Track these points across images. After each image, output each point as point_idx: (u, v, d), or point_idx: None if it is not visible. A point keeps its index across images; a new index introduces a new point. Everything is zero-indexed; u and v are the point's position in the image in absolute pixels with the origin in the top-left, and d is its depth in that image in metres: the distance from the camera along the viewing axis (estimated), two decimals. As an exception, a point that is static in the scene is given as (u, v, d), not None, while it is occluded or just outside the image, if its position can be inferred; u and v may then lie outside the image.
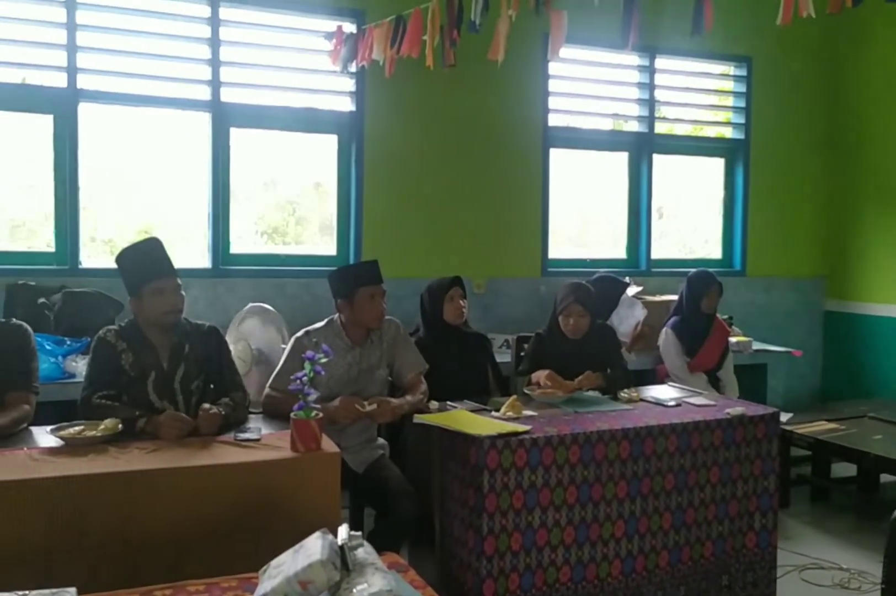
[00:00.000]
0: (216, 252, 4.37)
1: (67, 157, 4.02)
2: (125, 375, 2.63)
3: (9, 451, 2.27)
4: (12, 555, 2.00)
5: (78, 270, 4.04)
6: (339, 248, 4.70)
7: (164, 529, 2.15)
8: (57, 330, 3.71)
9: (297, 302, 4.40)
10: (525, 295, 4.97)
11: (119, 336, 2.67)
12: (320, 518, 2.25)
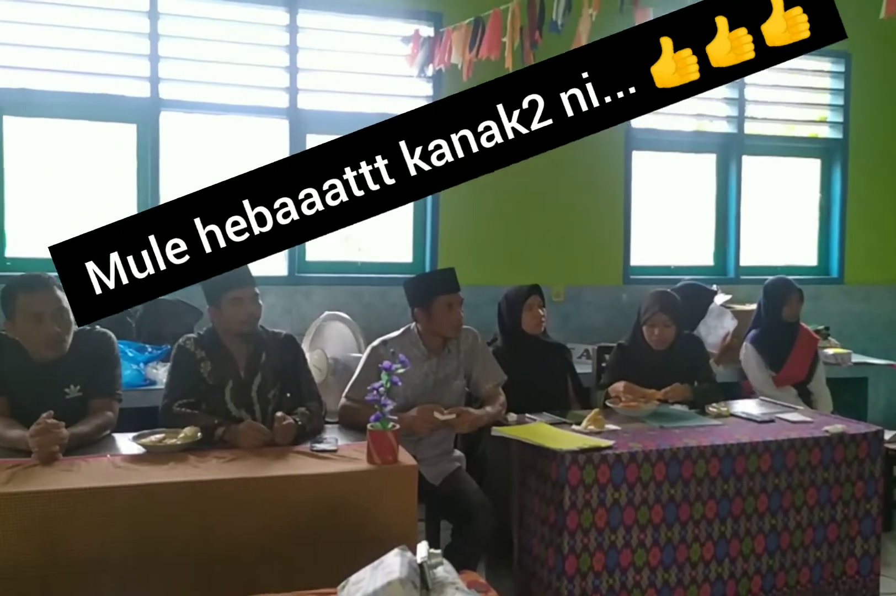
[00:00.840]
0: (293, 259, 4.44)
1: (149, 166, 4.15)
2: (204, 383, 2.69)
3: (93, 458, 2.34)
4: (94, 561, 2.06)
5: (159, 278, 4.16)
6: (415, 255, 4.72)
7: (240, 539, 2.18)
8: (138, 337, 3.83)
9: (372, 310, 4.43)
10: (606, 303, 4.89)
11: (198, 345, 2.73)
12: (397, 531, 2.25)
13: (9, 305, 2.50)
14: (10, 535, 2.00)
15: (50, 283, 2.53)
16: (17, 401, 2.53)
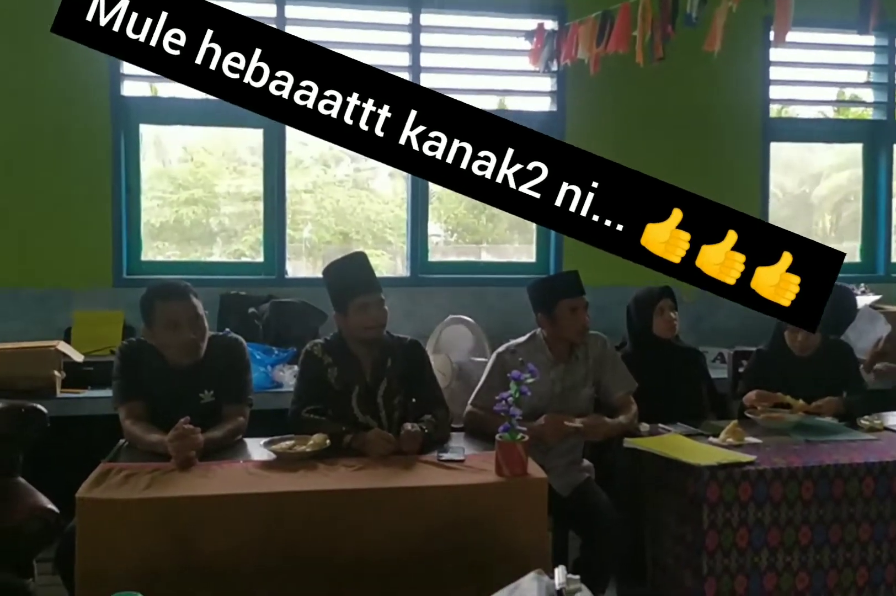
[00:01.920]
0: (414, 260, 4.47)
1: (276, 169, 4.26)
2: (331, 389, 2.73)
3: (227, 463, 2.40)
4: (228, 568, 2.11)
5: (284, 280, 4.28)
6: (539, 254, 4.65)
7: (369, 550, 2.18)
8: (265, 339, 3.94)
9: (495, 311, 4.39)
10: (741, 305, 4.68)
11: (325, 350, 2.77)
12: (527, 546, 2.22)
13: (147, 312, 2.61)
14: (150, 539, 2.08)
15: (186, 291, 2.62)
16: (155, 405, 2.63)
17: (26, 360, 3.33)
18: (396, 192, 4.65)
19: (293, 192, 4.41)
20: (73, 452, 3.30)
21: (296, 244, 4.51)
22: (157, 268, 4.22)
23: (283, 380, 3.65)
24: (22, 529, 2.39)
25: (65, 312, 3.96)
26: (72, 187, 4.00)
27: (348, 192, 4.69)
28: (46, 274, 3.98)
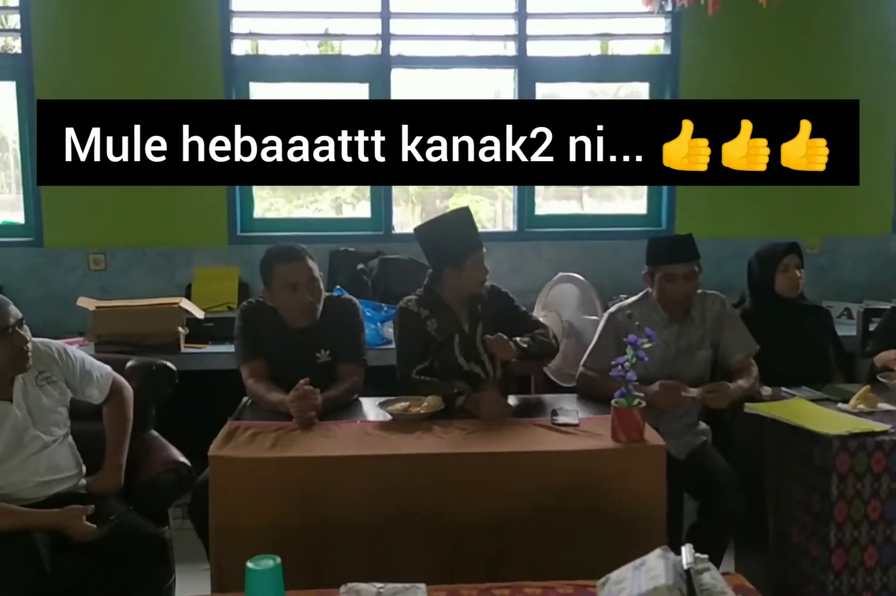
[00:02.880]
0: (521, 214, 4.42)
1: (381, 125, 4.26)
2: (433, 341, 2.78)
3: (345, 423, 2.48)
4: (348, 526, 2.19)
5: (391, 236, 4.32)
6: (651, 205, 4.52)
7: (483, 514, 2.23)
8: (374, 296, 4.01)
9: (604, 266, 4.33)
10: (870, 255, 4.46)
11: (419, 304, 2.81)
12: (643, 513, 2.23)
13: (266, 274, 2.69)
14: (276, 496, 2.18)
15: (303, 254, 2.68)
16: (274, 364, 2.73)
17: (153, 316, 3.50)
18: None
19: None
20: (195, 405, 3.49)
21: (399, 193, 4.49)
22: (268, 225, 4.32)
23: (392, 337, 3.70)
24: (158, 480, 2.54)
25: (186, 269, 4.13)
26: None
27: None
28: (169, 233, 4.14)
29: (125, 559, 2.28)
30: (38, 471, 2.35)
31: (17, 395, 2.34)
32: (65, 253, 4.10)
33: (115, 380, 2.61)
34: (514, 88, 4.32)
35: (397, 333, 2.86)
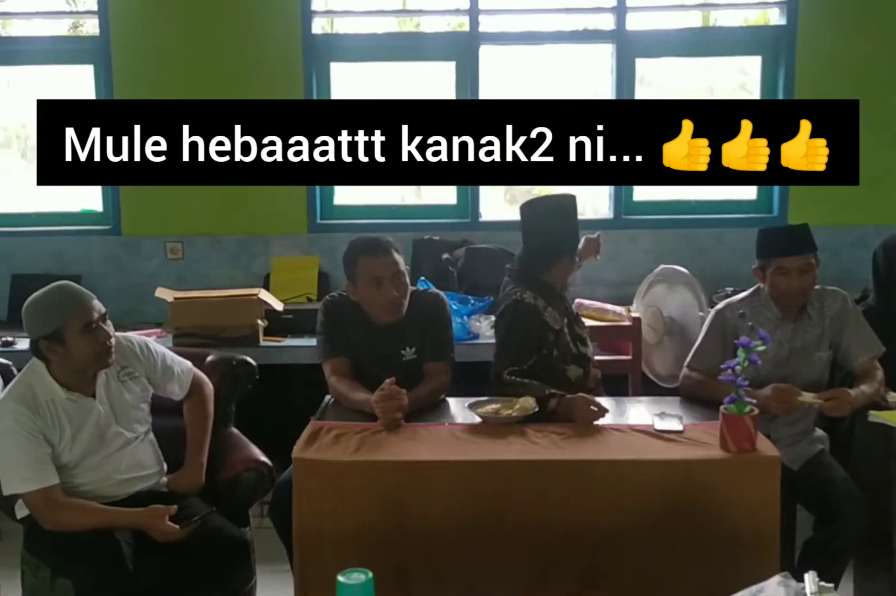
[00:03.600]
0: (618, 199, 4.37)
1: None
2: (551, 331, 2.78)
3: (432, 426, 2.51)
4: (436, 533, 2.22)
5: (478, 224, 4.32)
6: (761, 190, 4.40)
7: (579, 524, 2.22)
8: (460, 287, 4.02)
9: (707, 255, 4.26)
10: None
11: (535, 295, 2.79)
12: (754, 529, 2.19)
13: (351, 268, 2.73)
14: (362, 500, 2.22)
15: (388, 246, 2.71)
16: (358, 362, 2.77)
17: (231, 309, 3.60)
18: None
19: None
20: (274, 400, 3.59)
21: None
22: (349, 212, 4.38)
23: (480, 331, 3.73)
24: (239, 480, 2.61)
25: (263, 258, 4.23)
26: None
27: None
28: (246, 221, 4.24)
29: (207, 561, 2.37)
30: (120, 468, 2.46)
31: (100, 390, 2.44)
32: (142, 241, 4.25)
33: (195, 375, 2.70)
34: (612, 65, 4.27)
35: (506, 328, 2.81)
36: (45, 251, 4.24)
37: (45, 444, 2.33)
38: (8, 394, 2.37)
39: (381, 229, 4.12)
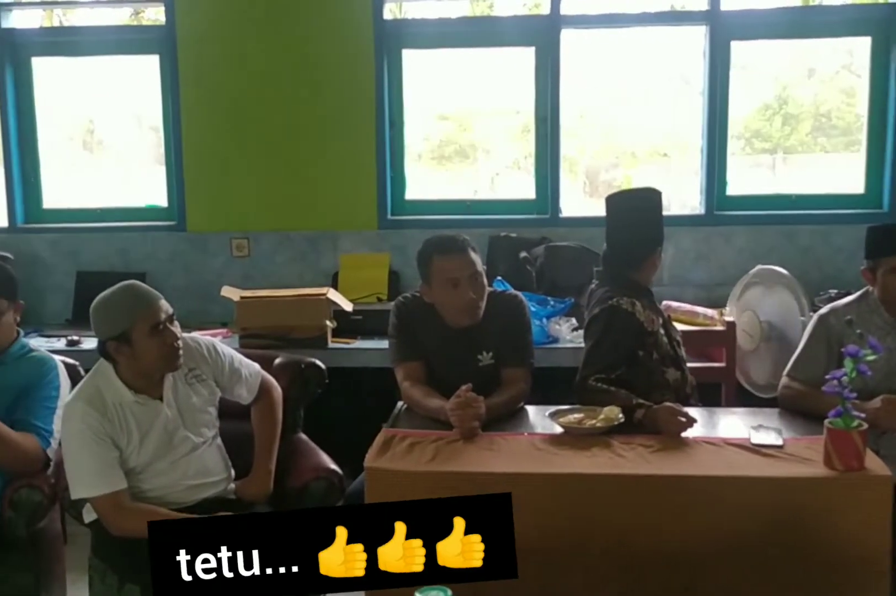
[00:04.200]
0: (710, 194, 4.30)
1: (549, 93, 4.24)
2: (648, 335, 2.78)
3: (511, 435, 2.50)
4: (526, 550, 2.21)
5: (558, 220, 4.31)
6: (869, 181, 4.28)
7: (669, 544, 2.19)
8: (538, 288, 4.02)
9: (810, 256, 4.16)
10: None
11: (630, 298, 2.78)
12: (862, 554, 2.13)
13: (424, 268, 2.74)
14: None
15: (465, 245, 2.72)
16: (431, 367, 2.79)
17: (299, 309, 3.66)
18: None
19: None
20: (341, 405, 3.64)
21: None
22: (421, 207, 4.41)
23: (560, 334, 3.71)
24: (308, 488, 2.65)
25: (331, 255, 4.29)
26: (336, 125, 4.25)
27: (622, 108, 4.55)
28: (314, 216, 4.31)
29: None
30: (188, 474, 2.52)
31: (168, 393, 2.50)
32: (207, 237, 4.34)
33: (264, 379, 2.75)
34: (705, 49, 4.20)
35: (599, 334, 2.75)
36: (109, 248, 4.37)
37: (114, 447, 2.40)
38: (76, 395, 2.45)
39: (454, 226, 4.16)
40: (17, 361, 2.74)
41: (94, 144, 4.58)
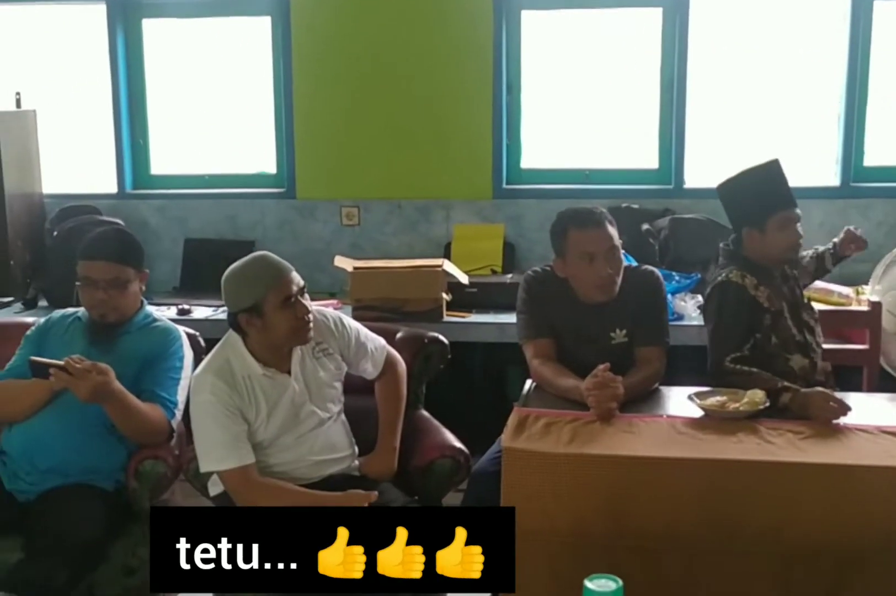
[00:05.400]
0: (846, 164, 4.16)
1: (676, 56, 4.14)
2: (765, 313, 2.71)
3: (650, 417, 2.47)
4: (659, 537, 2.18)
5: (682, 191, 4.21)
6: None
7: (820, 538, 2.14)
8: (662, 262, 3.94)
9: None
10: None
11: (743, 273, 2.73)
12: None
13: (559, 241, 2.71)
14: (576, 498, 2.20)
15: (602, 218, 2.68)
16: (561, 344, 2.76)
17: (414, 280, 3.67)
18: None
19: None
20: (455, 380, 3.64)
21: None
22: (538, 177, 4.36)
23: (686, 311, 3.65)
24: (433, 467, 2.64)
25: (444, 225, 4.28)
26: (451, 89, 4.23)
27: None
28: (426, 184, 4.30)
29: (404, 551, 2.42)
30: (314, 449, 2.55)
31: (295, 367, 2.53)
32: (317, 205, 4.37)
33: (389, 353, 2.76)
34: (848, 9, 4.03)
35: (715, 312, 2.76)
36: (217, 215, 4.43)
37: (242, 421, 2.44)
38: (205, 368, 2.49)
39: (572, 196, 4.13)
40: (142, 331, 2.80)
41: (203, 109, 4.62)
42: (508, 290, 3.81)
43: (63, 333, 2.79)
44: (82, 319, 2.80)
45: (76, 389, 2.49)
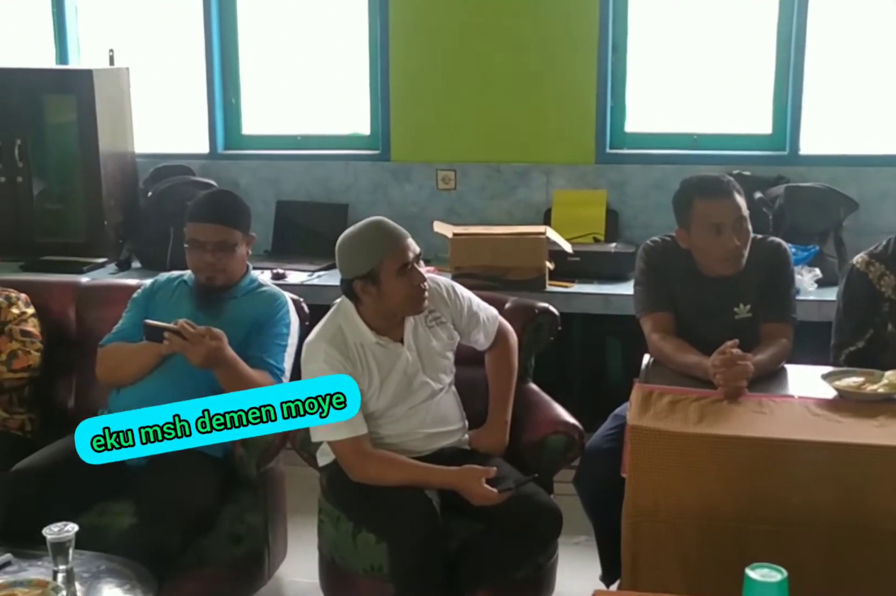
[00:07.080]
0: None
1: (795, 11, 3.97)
2: (885, 301, 2.63)
3: (780, 398, 2.41)
4: (794, 523, 2.14)
5: (798, 158, 4.07)
6: None
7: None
8: (776, 233, 3.80)
9: None
10: None
11: (869, 261, 2.66)
12: None
13: (684, 211, 2.64)
14: (706, 479, 2.16)
15: (730, 187, 2.60)
16: (681, 318, 2.70)
17: (516, 248, 3.62)
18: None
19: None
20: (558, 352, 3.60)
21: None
22: (643, 141, 4.25)
23: (803, 285, 3.55)
24: (545, 443, 2.62)
25: (543, 191, 4.20)
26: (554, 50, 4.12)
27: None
28: (525, 148, 4.22)
29: (518, 530, 2.39)
30: (426, 421, 2.54)
31: (408, 336, 2.52)
32: (412, 168, 4.32)
33: (501, 324, 2.73)
34: None
35: (839, 296, 2.74)
36: (310, 177, 4.41)
37: None
38: (318, 334, 2.49)
39: (679, 162, 4.05)
40: (249, 296, 2.82)
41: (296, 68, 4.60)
42: (613, 260, 3.78)
43: (170, 297, 2.81)
44: (188, 283, 2.81)
45: (190, 354, 2.50)
